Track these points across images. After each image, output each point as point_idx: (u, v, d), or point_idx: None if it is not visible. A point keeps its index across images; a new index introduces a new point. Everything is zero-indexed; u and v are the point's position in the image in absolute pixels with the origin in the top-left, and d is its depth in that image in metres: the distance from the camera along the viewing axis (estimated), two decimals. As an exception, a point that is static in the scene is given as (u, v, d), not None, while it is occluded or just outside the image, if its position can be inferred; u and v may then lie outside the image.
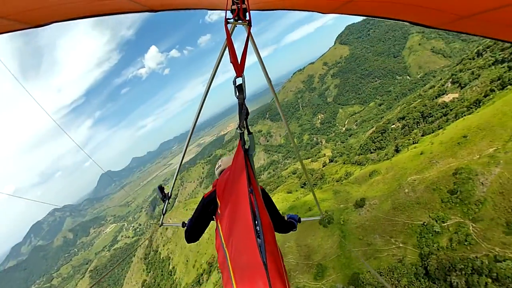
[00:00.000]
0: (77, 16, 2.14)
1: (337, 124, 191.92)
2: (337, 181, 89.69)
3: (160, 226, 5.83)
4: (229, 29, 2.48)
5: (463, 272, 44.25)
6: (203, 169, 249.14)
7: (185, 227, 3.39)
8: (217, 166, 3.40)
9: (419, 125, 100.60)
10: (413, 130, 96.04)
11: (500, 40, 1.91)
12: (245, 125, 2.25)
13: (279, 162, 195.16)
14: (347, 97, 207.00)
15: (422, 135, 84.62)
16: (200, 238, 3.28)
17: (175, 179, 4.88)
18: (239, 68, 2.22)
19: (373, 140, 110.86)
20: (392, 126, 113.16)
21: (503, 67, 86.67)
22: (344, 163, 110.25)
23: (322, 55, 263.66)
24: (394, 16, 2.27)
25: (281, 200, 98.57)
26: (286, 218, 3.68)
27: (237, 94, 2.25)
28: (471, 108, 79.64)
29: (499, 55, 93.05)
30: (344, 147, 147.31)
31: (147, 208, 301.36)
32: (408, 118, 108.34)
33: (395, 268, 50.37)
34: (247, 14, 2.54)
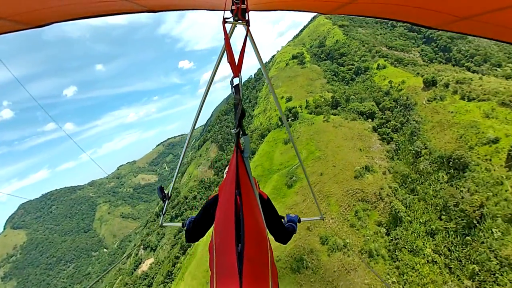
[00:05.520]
0: (78, 16, 2.20)
1: None
2: None
3: (160, 227, 5.55)
4: (228, 29, 2.50)
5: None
6: None
7: (185, 227, 3.53)
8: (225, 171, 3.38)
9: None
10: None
11: (500, 41, 2.02)
12: (240, 126, 2.33)
13: None
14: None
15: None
16: (200, 239, 3.30)
17: (175, 180, 4.93)
18: (237, 69, 2.25)
19: None
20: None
21: (179, 221, 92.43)
22: None
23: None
24: (394, 17, 2.37)
25: None
26: (286, 219, 3.56)
27: (234, 94, 2.29)
28: (170, 275, 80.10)
29: (173, 212, 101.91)
30: None
31: None
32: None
33: None
34: (246, 14, 2.58)
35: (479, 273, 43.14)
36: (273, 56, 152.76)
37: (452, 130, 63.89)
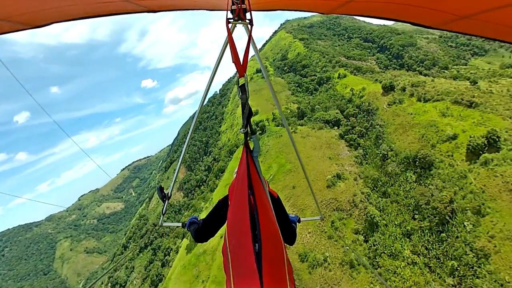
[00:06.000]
0: (77, 16, 2.23)
1: None
2: None
3: (160, 226, 5.57)
4: (230, 29, 2.53)
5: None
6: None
7: (185, 227, 3.64)
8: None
9: None
10: None
11: (500, 41, 2.01)
12: (248, 125, 2.35)
13: None
14: None
15: None
16: (209, 240, 3.37)
17: (175, 180, 4.97)
18: (242, 68, 2.25)
19: None
20: None
21: (148, 251, 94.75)
22: None
23: None
24: (394, 16, 2.37)
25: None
26: None
27: (240, 94, 2.29)
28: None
29: (141, 242, 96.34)
30: None
31: None
32: None
33: None
34: (248, 14, 2.62)
35: (458, 268, 43.34)
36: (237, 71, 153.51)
37: (414, 130, 66.34)
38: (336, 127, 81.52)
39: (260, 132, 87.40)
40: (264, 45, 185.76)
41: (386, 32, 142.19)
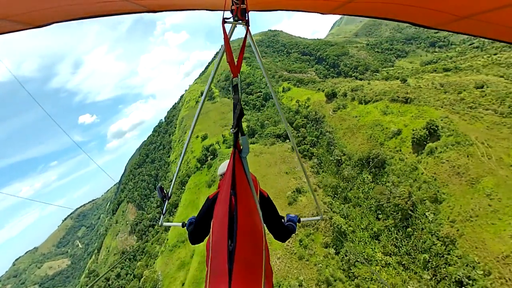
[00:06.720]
0: (78, 16, 2.26)
1: None
2: None
3: (160, 226, 5.60)
4: (227, 29, 2.56)
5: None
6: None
7: (185, 227, 3.61)
8: (219, 169, 3.41)
9: None
10: None
11: (500, 41, 2.04)
12: (239, 126, 2.35)
13: None
14: None
15: None
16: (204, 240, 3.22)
17: (174, 180, 4.80)
18: (236, 69, 2.31)
19: None
20: None
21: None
22: None
23: None
24: (394, 16, 2.38)
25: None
26: (285, 219, 3.55)
27: (233, 94, 2.33)
28: None
29: None
30: None
31: None
32: None
33: None
34: (246, 14, 2.62)
35: (430, 259, 43.05)
36: (181, 96, 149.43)
37: (361, 132, 68.23)
38: (287, 140, 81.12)
39: (212, 156, 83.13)
40: (207, 67, 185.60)
41: (321, 44, 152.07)
